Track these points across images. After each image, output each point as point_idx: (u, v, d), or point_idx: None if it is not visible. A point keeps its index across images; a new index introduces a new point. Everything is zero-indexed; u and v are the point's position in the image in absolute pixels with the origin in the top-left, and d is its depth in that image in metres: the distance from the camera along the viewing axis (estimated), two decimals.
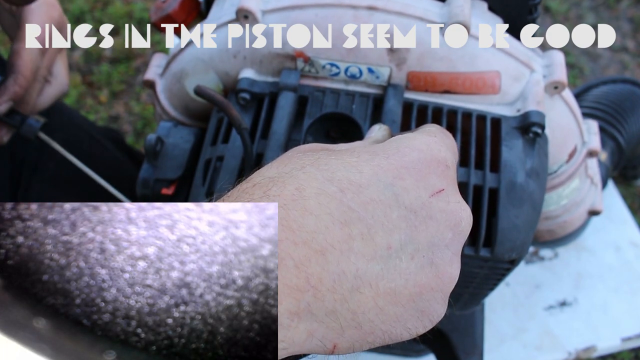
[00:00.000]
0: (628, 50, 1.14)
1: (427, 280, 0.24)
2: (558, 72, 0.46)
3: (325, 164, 0.24)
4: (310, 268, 0.21)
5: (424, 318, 0.24)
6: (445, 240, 0.25)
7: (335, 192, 0.23)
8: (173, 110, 0.51)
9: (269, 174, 0.24)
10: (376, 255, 0.23)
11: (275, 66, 0.45)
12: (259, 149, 0.42)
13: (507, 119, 0.44)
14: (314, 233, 0.22)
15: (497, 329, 0.78)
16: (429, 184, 0.25)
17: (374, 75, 0.44)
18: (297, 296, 0.21)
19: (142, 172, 0.45)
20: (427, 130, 0.29)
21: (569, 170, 0.54)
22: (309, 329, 0.21)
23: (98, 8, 1.25)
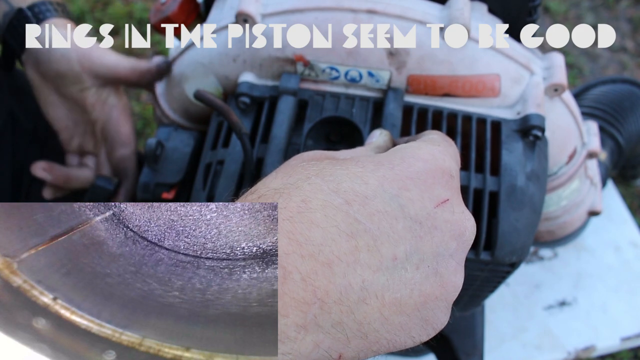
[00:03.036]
0: (627, 51, 1.14)
1: (431, 289, 0.24)
2: (558, 74, 0.46)
3: (331, 174, 0.24)
4: (317, 281, 0.21)
5: (428, 326, 0.25)
6: (449, 250, 0.25)
7: (342, 204, 0.23)
8: (173, 113, 0.52)
9: (274, 185, 0.24)
10: (382, 266, 0.23)
11: (275, 70, 0.45)
12: (259, 154, 0.42)
13: (507, 122, 0.44)
14: (320, 246, 0.22)
15: (496, 329, 0.78)
16: (434, 194, 0.25)
17: (374, 78, 0.44)
18: (304, 309, 0.21)
19: (142, 177, 0.45)
20: (430, 138, 0.29)
21: (568, 171, 0.54)
22: (315, 340, 0.21)
23: (98, 8, 1.24)
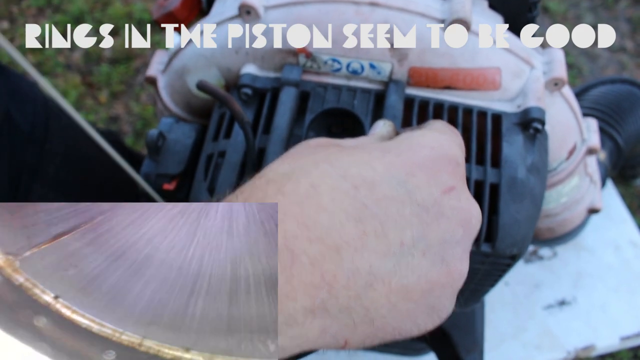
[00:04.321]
0: (626, 51, 1.14)
1: (438, 276, 0.24)
2: (558, 68, 0.46)
3: (338, 160, 0.24)
4: (325, 265, 0.21)
5: (434, 314, 0.25)
6: (456, 237, 0.25)
7: (349, 189, 0.23)
8: (175, 106, 0.52)
9: (282, 169, 0.24)
10: (389, 251, 0.23)
11: (277, 62, 0.45)
12: (261, 144, 0.43)
13: (508, 115, 0.45)
14: (328, 230, 0.22)
15: (496, 329, 0.78)
16: (440, 181, 0.25)
17: (376, 70, 0.44)
18: (312, 293, 0.21)
19: (144, 167, 0.45)
20: (436, 127, 0.29)
21: (568, 167, 0.54)
22: (322, 325, 0.21)
23: (98, 8, 1.25)
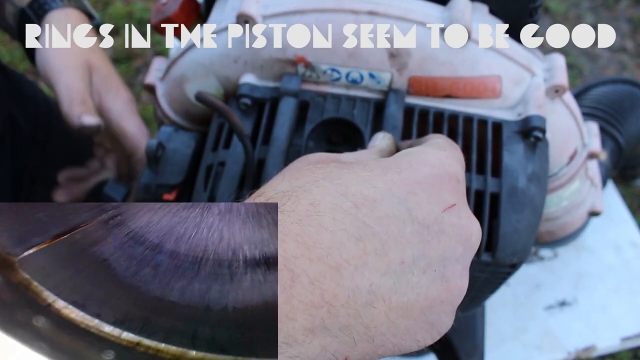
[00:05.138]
0: (627, 51, 1.14)
1: (437, 293, 0.24)
2: (559, 75, 0.46)
3: (338, 177, 0.24)
4: (325, 284, 0.21)
5: (433, 330, 0.25)
6: (456, 255, 0.25)
7: (350, 208, 0.23)
8: (174, 114, 0.51)
9: (282, 187, 0.24)
10: (389, 270, 0.23)
11: (276, 71, 0.45)
12: (260, 155, 0.42)
13: (508, 124, 0.44)
14: (329, 249, 0.22)
15: (497, 329, 0.78)
16: (441, 199, 0.25)
17: (375, 80, 0.44)
18: (312, 312, 0.21)
19: (143, 178, 0.45)
20: (436, 143, 0.29)
21: (569, 172, 0.54)
22: (322, 343, 0.21)
23: (98, 8, 1.24)
